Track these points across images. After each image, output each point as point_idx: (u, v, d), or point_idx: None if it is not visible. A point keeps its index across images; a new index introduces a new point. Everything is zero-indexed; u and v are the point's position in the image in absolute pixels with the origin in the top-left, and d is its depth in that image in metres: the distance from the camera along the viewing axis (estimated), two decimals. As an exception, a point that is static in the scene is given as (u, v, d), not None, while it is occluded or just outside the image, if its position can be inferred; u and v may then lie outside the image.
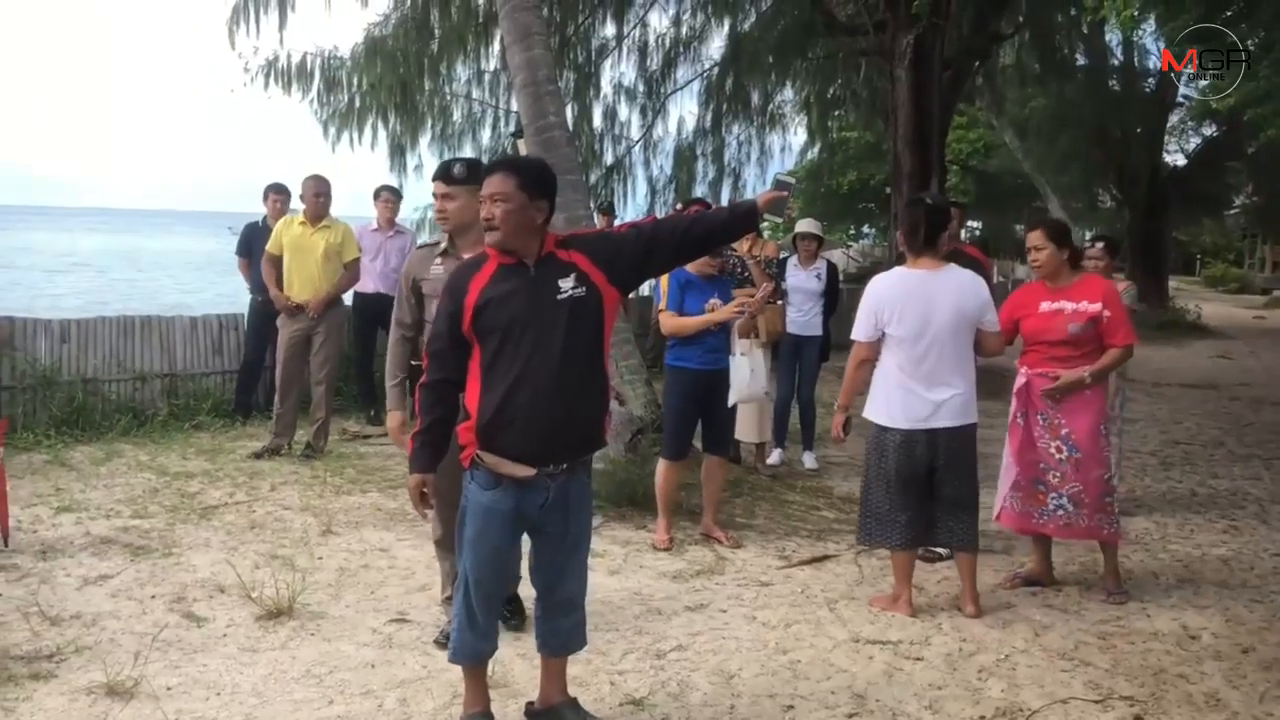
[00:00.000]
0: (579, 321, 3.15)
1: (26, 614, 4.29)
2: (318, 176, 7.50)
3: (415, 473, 3.26)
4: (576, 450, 3.27)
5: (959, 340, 4.47)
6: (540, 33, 7.38)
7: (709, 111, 14.29)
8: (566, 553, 3.35)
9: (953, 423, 4.46)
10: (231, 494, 6.29)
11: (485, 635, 3.36)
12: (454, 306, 3.18)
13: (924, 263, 4.52)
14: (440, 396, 3.25)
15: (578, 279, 3.16)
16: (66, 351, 7.85)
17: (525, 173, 3.21)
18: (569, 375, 3.14)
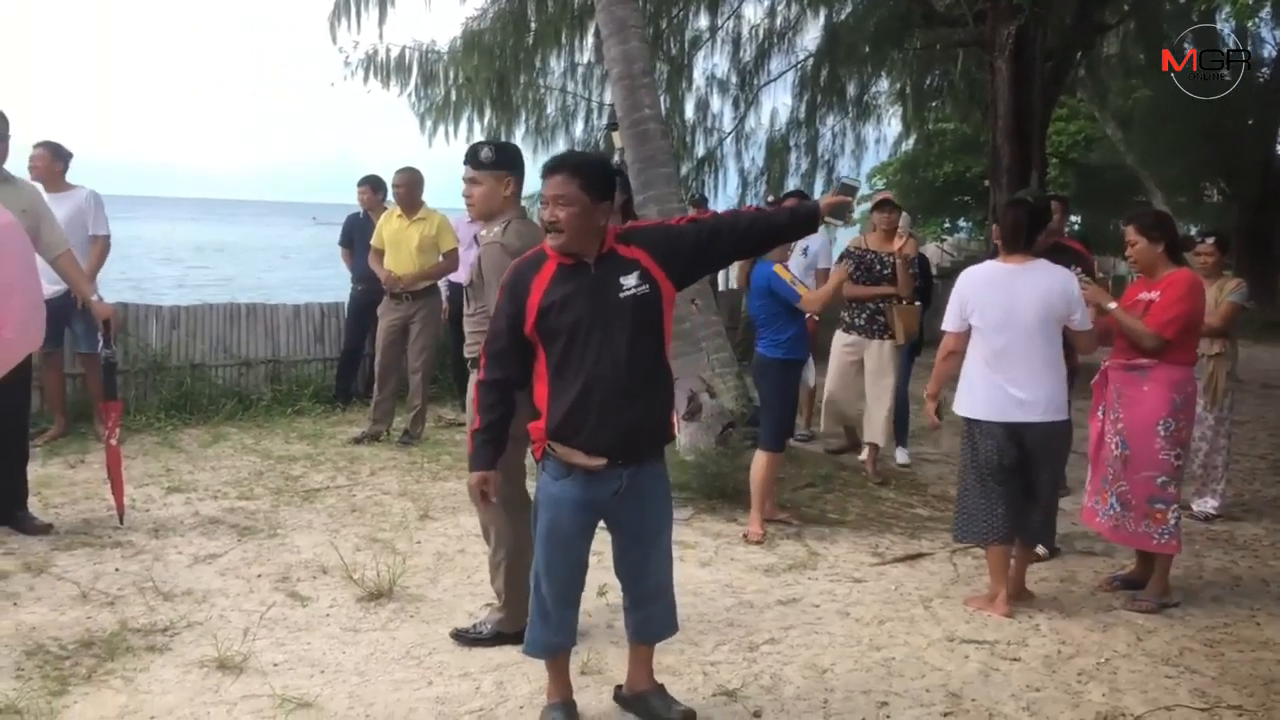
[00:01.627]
0: (643, 318, 3.16)
1: (142, 589, 4.48)
2: (408, 169, 7.64)
3: (477, 470, 3.29)
4: (647, 446, 3.27)
5: (1042, 336, 4.42)
6: (636, 25, 7.40)
7: (802, 103, 14.18)
8: (647, 542, 3.37)
9: (1035, 418, 4.42)
10: (333, 478, 6.46)
11: (558, 629, 3.38)
12: (515, 308, 3.17)
13: (1015, 258, 4.52)
14: (500, 395, 3.26)
15: (641, 276, 3.16)
16: (176, 337, 8.14)
17: (588, 174, 3.18)
18: (636, 373, 3.15)
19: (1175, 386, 4.57)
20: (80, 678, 3.64)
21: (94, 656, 3.80)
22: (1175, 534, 4.58)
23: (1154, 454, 4.55)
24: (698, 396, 6.62)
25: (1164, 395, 4.55)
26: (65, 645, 3.89)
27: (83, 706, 3.44)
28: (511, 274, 3.27)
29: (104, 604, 4.31)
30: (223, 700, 3.51)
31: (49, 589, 4.45)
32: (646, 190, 6.92)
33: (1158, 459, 4.55)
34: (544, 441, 3.21)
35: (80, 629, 4.04)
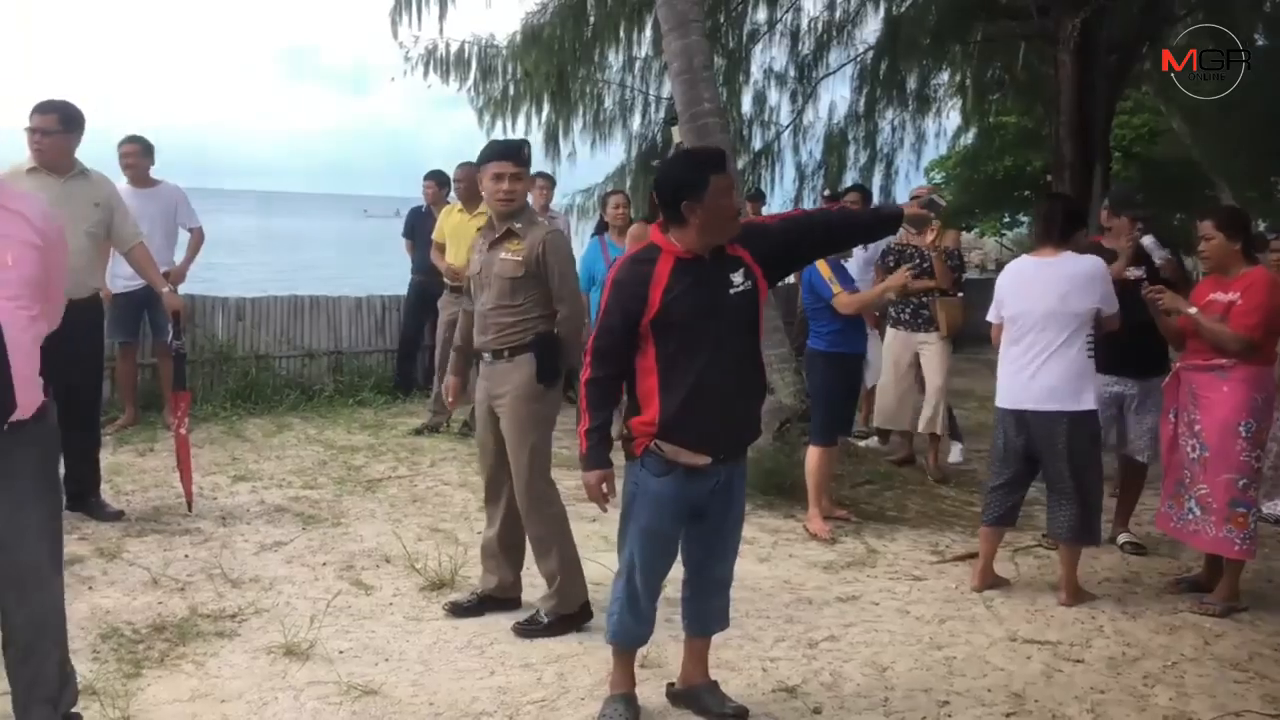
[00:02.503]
0: (748, 315, 3.21)
1: (211, 576, 4.58)
2: (469, 164, 7.69)
3: (595, 469, 3.30)
4: (746, 440, 3.35)
5: (1052, 327, 4.47)
6: (697, 20, 7.40)
7: (861, 96, 14.04)
8: (724, 536, 3.41)
9: (1045, 406, 4.48)
10: (394, 468, 6.55)
11: (646, 620, 3.43)
12: (633, 303, 3.16)
13: (1045, 251, 4.63)
14: (610, 393, 3.30)
15: (745, 273, 3.20)
16: (241, 329, 8.30)
17: None
18: (743, 370, 3.22)
19: (1257, 386, 4.49)
20: (153, 661, 3.73)
21: (166, 641, 3.90)
22: (1253, 539, 4.51)
23: (1235, 456, 4.46)
24: (755, 392, 6.62)
25: (1245, 395, 4.47)
26: (138, 629, 3.99)
27: (156, 689, 3.52)
28: (627, 268, 3.26)
29: (174, 589, 4.41)
30: (290, 686, 3.58)
31: (121, 574, 4.57)
32: (706, 185, 6.92)
33: (1239, 461, 4.46)
34: (648, 438, 3.21)
35: (152, 614, 4.14)
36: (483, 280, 4.16)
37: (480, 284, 4.18)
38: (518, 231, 4.12)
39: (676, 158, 3.74)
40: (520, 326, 4.09)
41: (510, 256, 4.08)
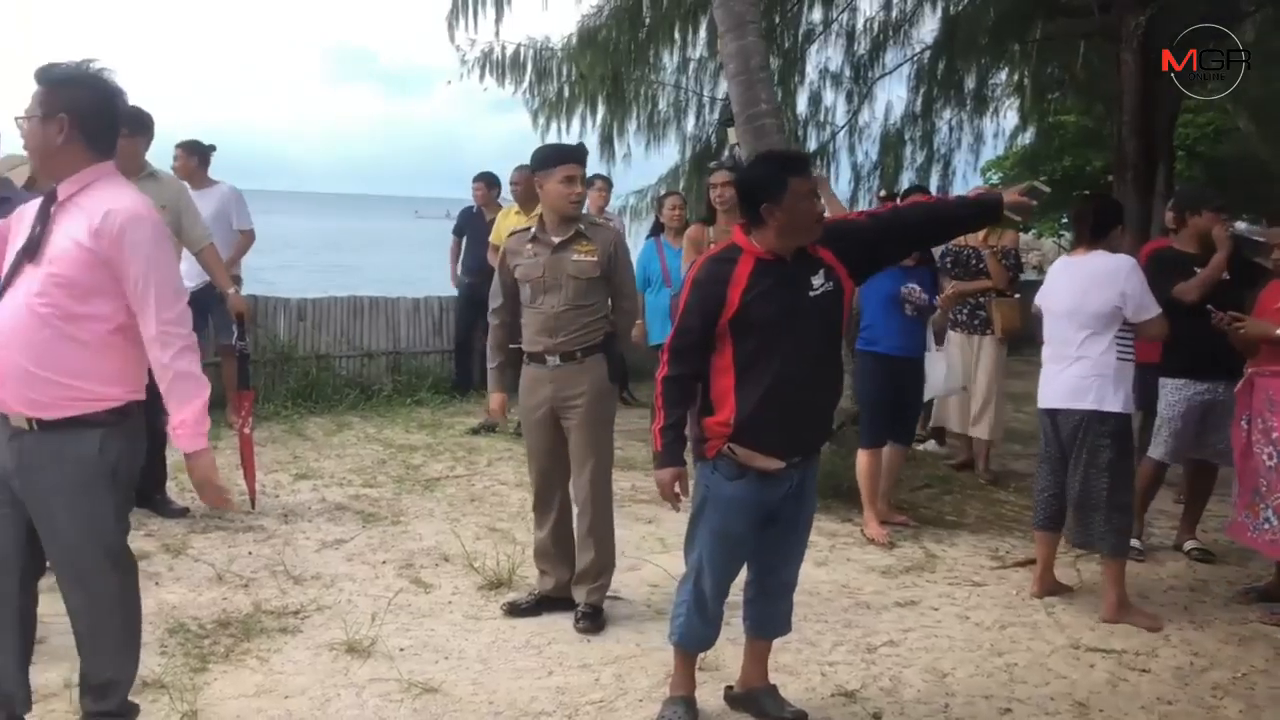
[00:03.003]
0: (828, 317, 3.19)
1: (274, 572, 4.65)
2: (523, 166, 7.73)
3: (666, 467, 3.29)
4: (819, 442, 3.36)
5: (1078, 325, 4.43)
6: (754, 21, 7.36)
7: (918, 96, 13.91)
8: (794, 539, 3.41)
9: (1070, 405, 4.43)
10: (452, 467, 6.61)
11: (712, 623, 3.43)
12: (711, 303, 3.15)
13: (1079, 250, 4.60)
14: (686, 391, 3.27)
15: (826, 274, 3.17)
16: (302, 329, 8.43)
17: None
18: (820, 371, 3.19)
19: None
20: (219, 656, 3.80)
21: (231, 636, 3.96)
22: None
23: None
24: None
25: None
26: (204, 624, 4.06)
27: (221, 684, 3.59)
28: (704, 268, 3.25)
29: (239, 586, 4.48)
30: (352, 683, 3.63)
31: (187, 570, 4.65)
32: (763, 186, 6.90)
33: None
34: (721, 440, 3.20)
35: (217, 609, 4.21)
36: (548, 282, 4.18)
37: (544, 286, 4.19)
38: (586, 233, 4.18)
39: (758, 159, 3.70)
40: (593, 326, 4.18)
41: (585, 258, 4.14)
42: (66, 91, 2.86)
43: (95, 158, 2.90)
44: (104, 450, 2.87)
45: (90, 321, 2.81)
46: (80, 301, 2.79)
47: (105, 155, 2.94)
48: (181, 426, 2.91)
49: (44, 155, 2.89)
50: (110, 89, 2.93)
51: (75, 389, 2.79)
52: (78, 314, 2.79)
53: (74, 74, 2.89)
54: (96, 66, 2.93)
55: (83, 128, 2.86)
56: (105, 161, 2.94)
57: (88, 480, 2.87)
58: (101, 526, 2.93)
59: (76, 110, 2.85)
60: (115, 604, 3.03)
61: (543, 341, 4.21)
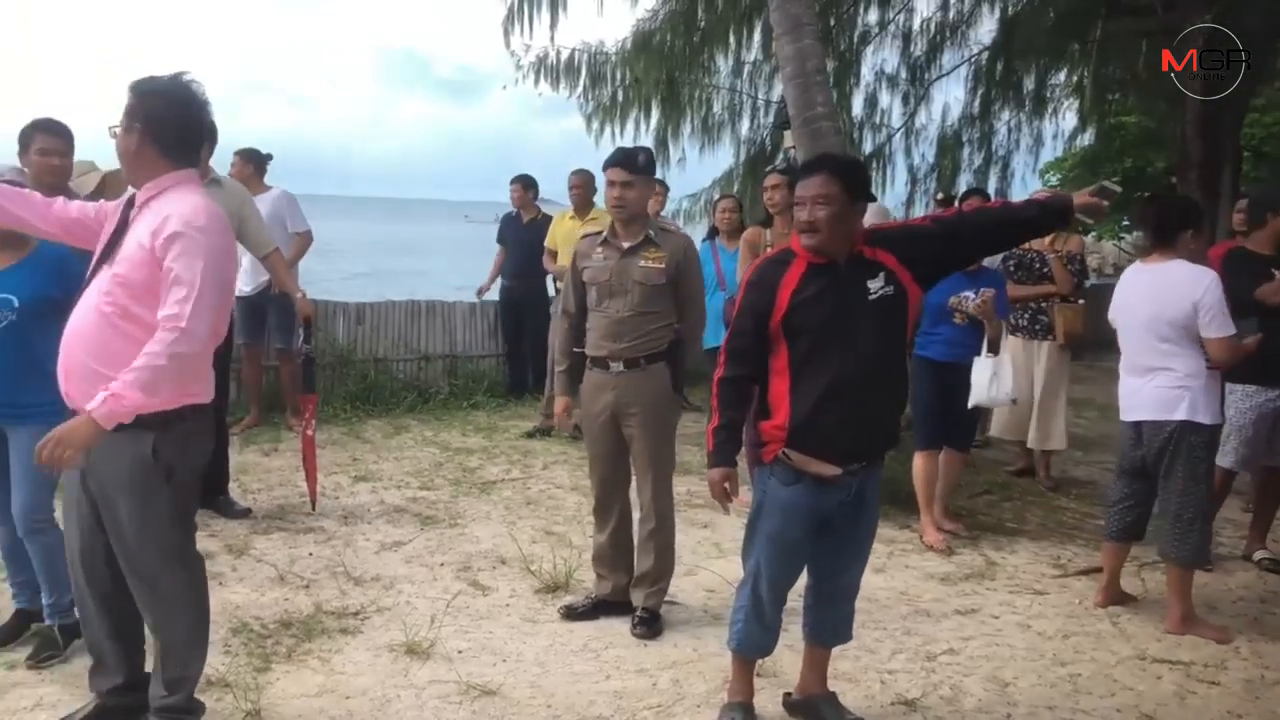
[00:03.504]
0: (887, 321, 3.14)
1: (334, 573, 4.70)
2: (580, 170, 7.77)
3: (718, 467, 3.30)
4: (879, 448, 3.29)
5: (1152, 337, 4.31)
6: (810, 23, 7.32)
7: (976, 97, 13.76)
8: (854, 547, 3.37)
9: (1159, 416, 4.31)
10: (508, 470, 6.64)
11: (771, 629, 3.40)
12: (763, 304, 3.17)
13: (1151, 257, 4.45)
14: (741, 393, 3.28)
15: (886, 278, 3.13)
16: (361, 333, 8.52)
17: (849, 175, 3.19)
18: (878, 376, 3.13)
19: None
20: (281, 656, 3.84)
21: (293, 636, 4.02)
22: None
23: None
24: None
25: None
26: (266, 625, 4.12)
27: (284, 684, 3.63)
28: (758, 270, 3.28)
29: (300, 586, 4.54)
30: (411, 684, 3.66)
31: (249, 570, 4.72)
32: (819, 189, 6.86)
33: None
34: (778, 444, 3.19)
35: (279, 609, 4.27)
36: (614, 287, 4.18)
37: (610, 290, 4.19)
38: (655, 239, 4.17)
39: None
40: (658, 334, 4.16)
41: (653, 264, 4.13)
42: (145, 102, 2.96)
43: (171, 165, 2.99)
44: (158, 452, 2.93)
45: (147, 321, 2.89)
46: (138, 301, 2.88)
47: (182, 163, 3.02)
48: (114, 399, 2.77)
49: (125, 162, 3.01)
50: (185, 99, 3.02)
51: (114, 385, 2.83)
52: (135, 314, 2.88)
53: (155, 85, 2.98)
54: (186, 78, 3.03)
55: (157, 136, 2.96)
56: (183, 169, 3.02)
57: (143, 480, 2.95)
58: (158, 526, 3.01)
59: (151, 120, 2.95)
60: (181, 602, 3.11)
61: (606, 346, 4.21)
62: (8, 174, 3.77)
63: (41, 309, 3.55)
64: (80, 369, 2.91)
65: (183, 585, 3.12)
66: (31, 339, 3.55)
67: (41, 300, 3.56)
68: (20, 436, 3.62)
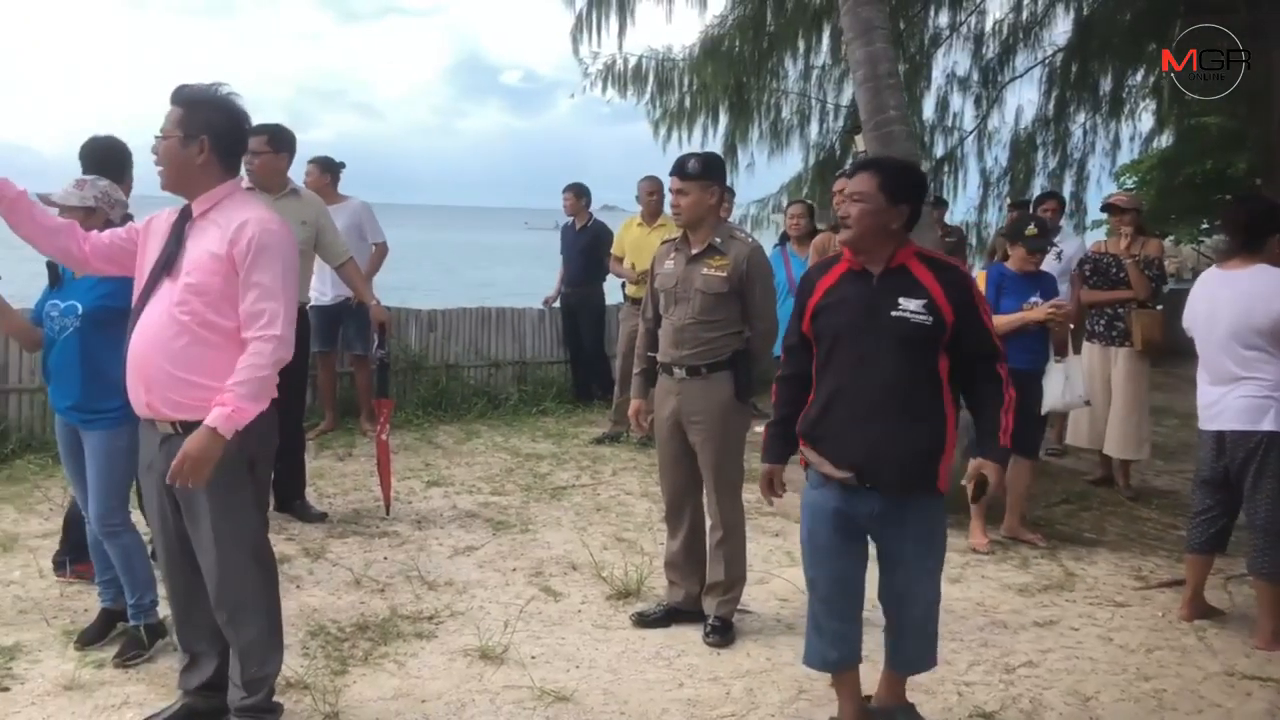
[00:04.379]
0: (914, 346, 3.05)
1: (409, 577, 4.75)
2: (650, 177, 7.78)
3: (765, 463, 3.36)
4: (898, 477, 3.10)
5: (1244, 343, 4.16)
6: (882, 26, 7.26)
7: (1050, 100, 13.53)
8: (905, 575, 3.23)
9: (1244, 426, 4.17)
10: (577, 476, 6.67)
11: (831, 641, 3.30)
12: (800, 304, 3.25)
13: (1234, 262, 4.32)
14: (794, 391, 3.32)
15: (927, 306, 3.04)
16: (433, 339, 8.62)
17: (888, 173, 3.16)
18: (892, 398, 3.06)
19: None
20: (358, 659, 3.89)
21: (369, 640, 4.06)
22: None
23: None
24: (943, 406, 6.43)
25: None
26: (343, 628, 4.17)
27: (361, 687, 3.68)
28: (807, 271, 3.38)
29: (375, 590, 4.59)
30: (486, 689, 3.68)
31: (326, 574, 4.79)
32: (892, 194, 6.79)
33: None
34: (803, 442, 3.25)
35: (355, 613, 4.32)
36: (678, 294, 4.18)
37: (675, 297, 4.20)
38: (719, 247, 4.13)
39: None
40: (720, 343, 4.12)
41: (715, 272, 4.10)
42: (204, 114, 3.05)
43: (226, 176, 3.10)
44: (242, 447, 3.01)
45: (224, 326, 2.99)
46: (213, 308, 2.98)
47: (234, 173, 3.15)
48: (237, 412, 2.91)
49: (183, 173, 3.07)
50: (239, 112, 3.13)
51: (212, 389, 2.95)
52: (212, 320, 2.98)
53: (210, 97, 3.08)
54: (225, 90, 3.11)
55: (218, 148, 3.05)
56: (233, 179, 3.14)
57: (230, 478, 3.02)
58: (243, 521, 3.10)
59: (213, 132, 3.04)
60: (257, 600, 3.17)
61: (671, 353, 4.21)
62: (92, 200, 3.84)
63: (102, 317, 3.65)
64: (164, 378, 2.98)
65: (259, 583, 3.18)
66: (95, 346, 3.67)
67: (103, 309, 3.66)
68: (92, 441, 3.74)
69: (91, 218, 3.73)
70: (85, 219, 3.69)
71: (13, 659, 3.79)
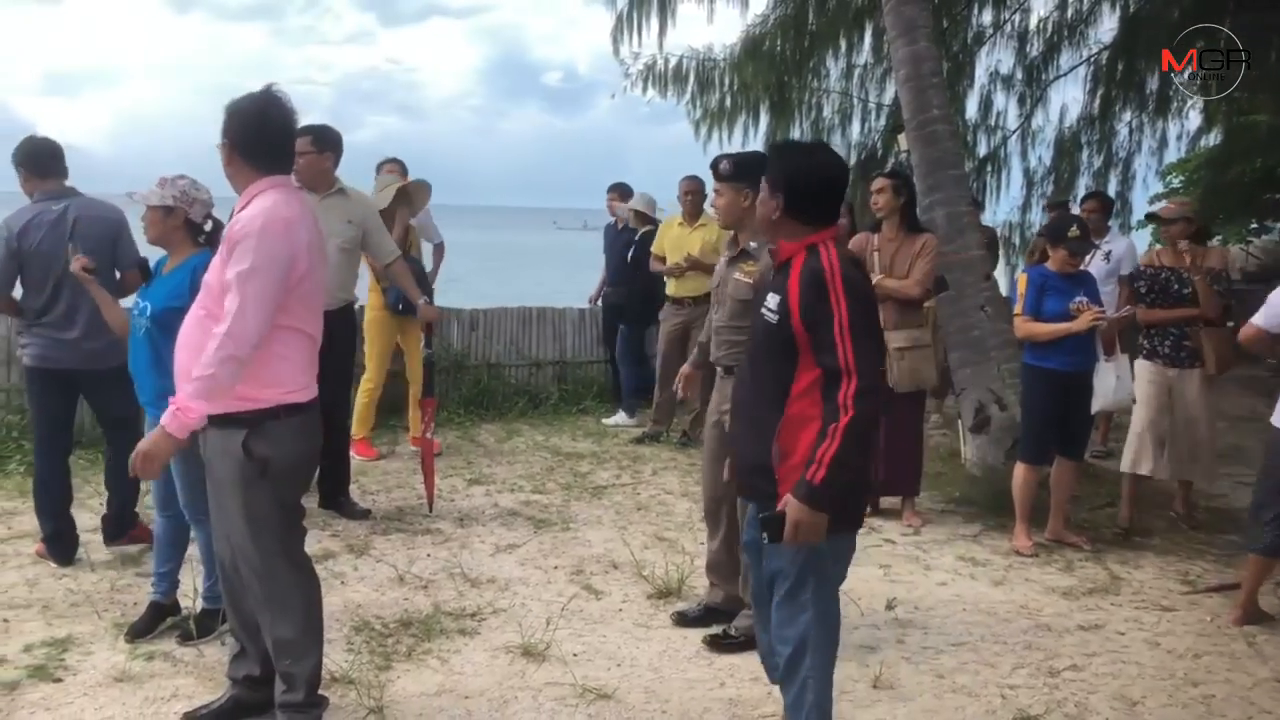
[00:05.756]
0: (769, 347, 2.92)
1: (451, 575, 4.79)
2: (691, 177, 7.77)
3: None
4: (746, 477, 3.04)
5: None
6: (925, 26, 7.23)
7: (1095, 98, 13.38)
8: (772, 602, 3.02)
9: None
10: (618, 476, 6.69)
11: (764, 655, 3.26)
12: None
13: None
14: None
15: (781, 304, 2.85)
16: (475, 339, 8.67)
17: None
18: (743, 402, 3.06)
19: None
20: (401, 655, 3.93)
21: (413, 636, 4.10)
22: None
23: None
24: (986, 408, 6.39)
25: None
26: (387, 624, 4.21)
27: (405, 682, 3.71)
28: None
29: (418, 587, 4.63)
30: (528, 686, 3.71)
31: (370, 570, 4.84)
32: (934, 193, 6.75)
33: None
34: None
35: (399, 609, 4.36)
36: (718, 296, 4.20)
37: (716, 299, 4.23)
38: (753, 252, 4.10)
39: None
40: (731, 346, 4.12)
41: (743, 278, 4.07)
42: (227, 118, 3.13)
43: (260, 172, 3.13)
44: (249, 448, 3.06)
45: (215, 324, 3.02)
46: (219, 304, 3.02)
47: (272, 169, 3.14)
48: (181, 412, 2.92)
49: (227, 175, 3.19)
50: (263, 108, 3.12)
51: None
52: (218, 315, 3.01)
53: (236, 101, 3.13)
54: (263, 92, 3.14)
55: (240, 149, 3.12)
56: (269, 176, 3.13)
57: (239, 475, 3.08)
58: (258, 522, 3.13)
59: (231, 132, 3.11)
60: (289, 599, 3.21)
61: (713, 351, 4.24)
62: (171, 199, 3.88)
63: (166, 319, 3.70)
64: (186, 371, 3.05)
65: (289, 583, 3.21)
66: (163, 346, 3.73)
67: (167, 310, 3.71)
68: None
69: (171, 216, 3.80)
70: (165, 217, 3.78)
71: (65, 650, 3.86)
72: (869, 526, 5.70)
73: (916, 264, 5.62)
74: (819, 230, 2.91)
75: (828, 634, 2.96)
